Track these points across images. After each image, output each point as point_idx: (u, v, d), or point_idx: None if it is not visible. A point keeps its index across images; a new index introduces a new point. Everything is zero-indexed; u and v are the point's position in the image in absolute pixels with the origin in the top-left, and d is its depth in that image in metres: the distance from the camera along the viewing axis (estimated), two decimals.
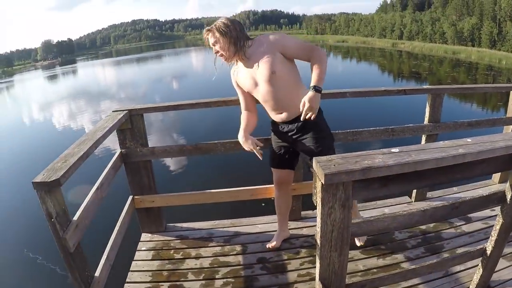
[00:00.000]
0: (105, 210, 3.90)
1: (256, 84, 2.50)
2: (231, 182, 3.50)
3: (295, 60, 2.51)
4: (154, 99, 20.80)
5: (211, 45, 2.46)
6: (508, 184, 1.99)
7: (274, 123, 2.71)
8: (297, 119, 2.52)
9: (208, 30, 2.45)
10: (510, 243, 2.61)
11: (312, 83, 2.30)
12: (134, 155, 2.91)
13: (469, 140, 1.75)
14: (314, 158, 1.51)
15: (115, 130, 2.74)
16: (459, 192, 3.88)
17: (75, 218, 1.98)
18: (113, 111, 2.82)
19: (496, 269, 2.48)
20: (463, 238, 3.14)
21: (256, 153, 2.58)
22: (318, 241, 1.63)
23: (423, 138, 3.52)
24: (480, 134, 1.88)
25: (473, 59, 43.51)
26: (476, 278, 2.43)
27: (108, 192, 2.52)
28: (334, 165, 1.44)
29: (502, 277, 2.70)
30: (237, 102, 2.84)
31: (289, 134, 2.62)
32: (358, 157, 1.52)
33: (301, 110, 2.28)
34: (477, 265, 2.39)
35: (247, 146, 2.58)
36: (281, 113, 2.56)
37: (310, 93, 2.27)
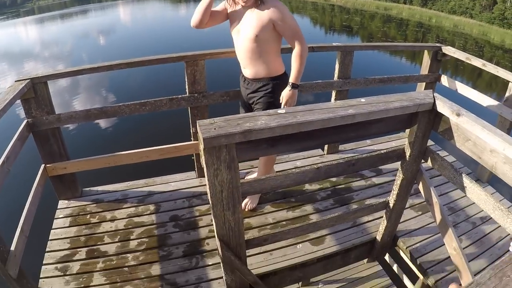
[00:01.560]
0: (19, 182, 3.77)
1: (238, 33, 2.63)
2: (141, 143, 3.46)
3: None
4: (81, 58, 19.74)
5: None
6: (407, 142, 2.12)
7: (241, 76, 2.86)
8: (258, 80, 2.69)
9: None
10: (417, 194, 2.84)
11: (290, 80, 2.58)
12: (40, 123, 2.79)
13: (362, 100, 1.79)
14: (197, 121, 1.53)
15: (20, 100, 2.64)
16: (372, 145, 4.07)
17: None
18: (15, 81, 2.67)
19: (402, 219, 2.70)
20: (372, 189, 3.34)
21: None
22: (210, 201, 1.67)
23: (333, 94, 3.62)
24: (393, 91, 1.93)
25: (404, 15, 44.63)
26: (381, 228, 2.63)
27: (18, 164, 2.44)
28: (215, 129, 1.46)
29: (408, 227, 2.92)
30: (140, 64, 2.89)
31: (247, 90, 2.81)
32: (240, 120, 1.53)
33: (281, 105, 2.62)
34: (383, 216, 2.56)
35: None
36: (247, 69, 2.72)
37: (288, 90, 2.59)
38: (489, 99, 3.59)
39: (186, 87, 3.02)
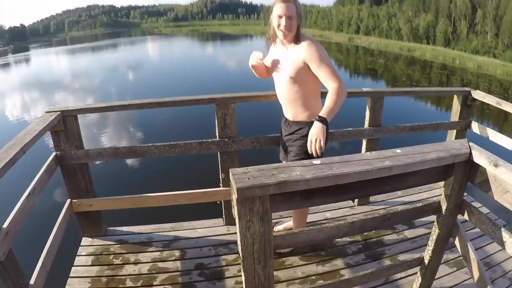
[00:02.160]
0: (43, 215, 3.77)
1: (276, 74, 2.63)
2: (169, 185, 3.44)
3: None
4: (109, 91, 20.26)
5: (280, 15, 2.39)
6: (443, 195, 2.01)
7: (282, 116, 2.84)
8: (296, 122, 2.65)
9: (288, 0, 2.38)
10: (452, 249, 2.69)
11: (320, 113, 2.29)
12: (69, 157, 2.81)
13: (398, 151, 1.72)
14: (230, 169, 1.49)
15: (49, 132, 2.66)
16: (403, 196, 3.91)
17: (5, 226, 1.91)
18: (46, 112, 2.71)
19: (437, 276, 2.51)
20: (405, 243, 3.17)
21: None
22: (240, 254, 1.60)
23: (364, 142, 3.54)
24: (423, 139, 1.87)
25: (427, 57, 44.92)
26: (416, 286, 2.45)
27: (45, 196, 2.43)
28: (249, 178, 1.40)
29: (443, 284, 2.74)
30: (171, 104, 2.93)
31: (285, 132, 2.78)
32: (275, 170, 1.48)
33: (309, 150, 2.29)
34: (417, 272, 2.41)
35: (253, 56, 2.63)
36: (286, 110, 2.71)
37: (313, 126, 2.26)
38: None
39: (216, 130, 3.01)
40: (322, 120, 2.24)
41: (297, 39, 2.44)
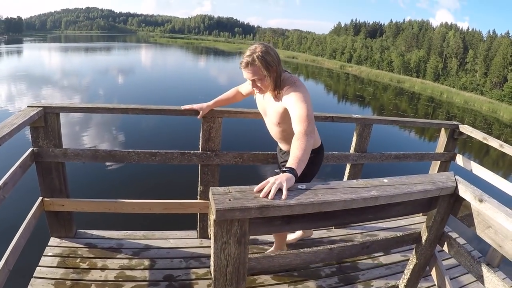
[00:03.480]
0: (13, 211, 3.66)
1: (264, 115, 2.60)
2: (145, 192, 3.38)
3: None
4: (96, 92, 20.11)
5: (247, 78, 2.26)
6: (424, 226, 2.01)
7: (277, 144, 2.83)
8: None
9: (248, 62, 2.16)
10: (427, 277, 2.65)
11: (287, 164, 1.79)
12: (45, 155, 2.74)
13: (385, 180, 1.70)
14: (210, 188, 1.42)
15: (29, 127, 2.60)
16: (381, 222, 3.90)
17: None
18: (28, 106, 2.64)
19: None
20: (379, 269, 3.15)
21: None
22: (212, 275, 1.54)
23: (348, 167, 3.55)
24: (408, 167, 1.86)
25: (416, 89, 45.90)
26: None
27: (16, 192, 2.36)
28: (230, 200, 1.35)
29: None
30: (156, 112, 2.89)
31: (281, 159, 2.77)
32: (258, 192, 1.43)
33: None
34: None
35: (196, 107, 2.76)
36: (280, 144, 2.72)
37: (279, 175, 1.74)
38: (505, 181, 3.49)
39: (200, 143, 2.97)
40: (289, 170, 1.70)
41: (278, 88, 2.27)
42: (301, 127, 2.00)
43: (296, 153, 1.85)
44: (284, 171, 1.70)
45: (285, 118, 2.33)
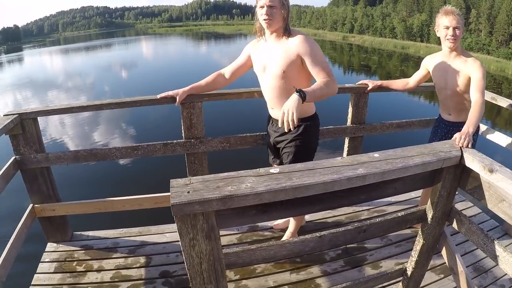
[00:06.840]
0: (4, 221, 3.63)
1: (263, 70, 2.46)
2: (138, 188, 3.30)
3: None
4: (102, 90, 20.17)
5: (261, 5, 2.27)
6: (429, 203, 1.82)
7: (268, 118, 2.71)
8: None
9: None
10: (439, 254, 2.41)
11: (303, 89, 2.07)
12: (28, 161, 2.68)
13: (376, 155, 1.52)
14: (170, 180, 1.31)
15: (8, 136, 2.55)
16: (380, 205, 3.58)
17: None
18: (4, 115, 2.57)
19: (422, 284, 2.32)
20: (388, 248, 2.96)
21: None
22: (188, 274, 1.43)
23: (346, 141, 3.37)
24: (413, 137, 1.69)
25: (421, 53, 44.99)
26: None
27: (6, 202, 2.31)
28: (189, 192, 1.22)
29: None
30: (131, 105, 2.82)
31: (275, 134, 2.63)
32: (222, 181, 1.29)
33: (279, 123, 2.00)
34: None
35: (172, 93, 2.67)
36: (275, 109, 2.52)
37: (289, 98, 2.02)
38: None
39: (182, 131, 2.86)
40: (300, 93, 2.01)
41: (287, 32, 2.32)
42: (329, 77, 2.23)
43: (316, 86, 2.15)
44: (296, 92, 2.01)
45: (293, 67, 2.31)
